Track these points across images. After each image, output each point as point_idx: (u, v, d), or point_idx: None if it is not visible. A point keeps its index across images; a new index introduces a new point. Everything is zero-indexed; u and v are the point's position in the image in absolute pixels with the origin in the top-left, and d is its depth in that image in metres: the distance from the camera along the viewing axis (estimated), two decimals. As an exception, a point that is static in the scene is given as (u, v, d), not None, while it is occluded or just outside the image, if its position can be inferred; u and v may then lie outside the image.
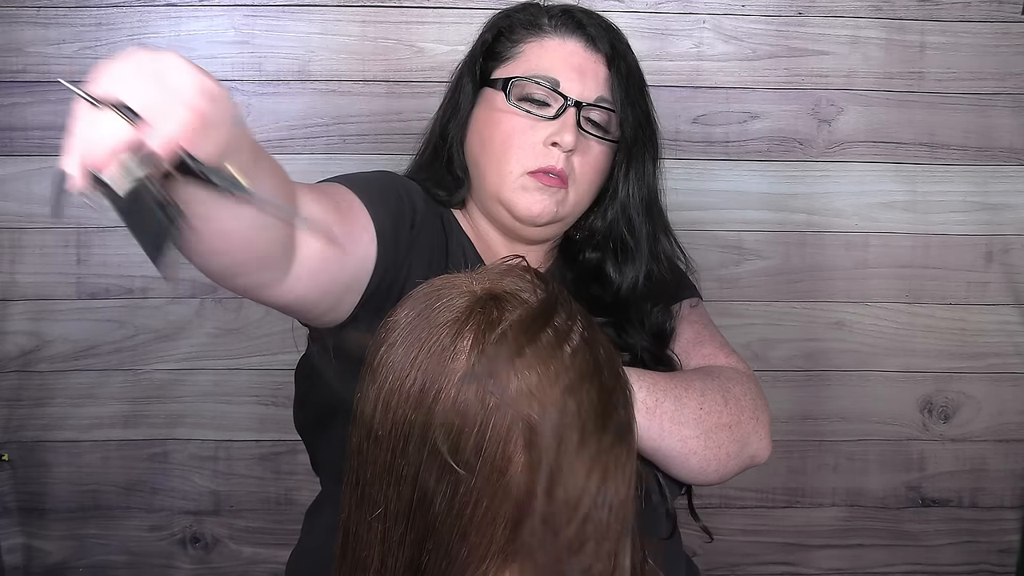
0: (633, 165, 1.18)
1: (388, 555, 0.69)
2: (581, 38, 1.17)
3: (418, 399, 0.67)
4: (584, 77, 1.15)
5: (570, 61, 1.16)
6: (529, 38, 1.18)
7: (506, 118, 1.15)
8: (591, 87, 1.15)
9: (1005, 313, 1.91)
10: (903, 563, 1.97)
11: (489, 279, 0.72)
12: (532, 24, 1.19)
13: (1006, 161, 1.88)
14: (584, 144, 1.15)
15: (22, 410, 1.84)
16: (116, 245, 1.81)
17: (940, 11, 1.83)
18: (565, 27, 1.18)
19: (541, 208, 1.14)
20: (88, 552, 1.88)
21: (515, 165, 1.14)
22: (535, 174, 1.13)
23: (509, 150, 1.14)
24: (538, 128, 1.13)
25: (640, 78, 1.20)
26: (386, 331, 0.71)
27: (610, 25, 1.21)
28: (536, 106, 1.14)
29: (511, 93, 1.15)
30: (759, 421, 1.15)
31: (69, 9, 1.75)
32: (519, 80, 1.15)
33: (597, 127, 1.16)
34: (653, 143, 1.21)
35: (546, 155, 1.13)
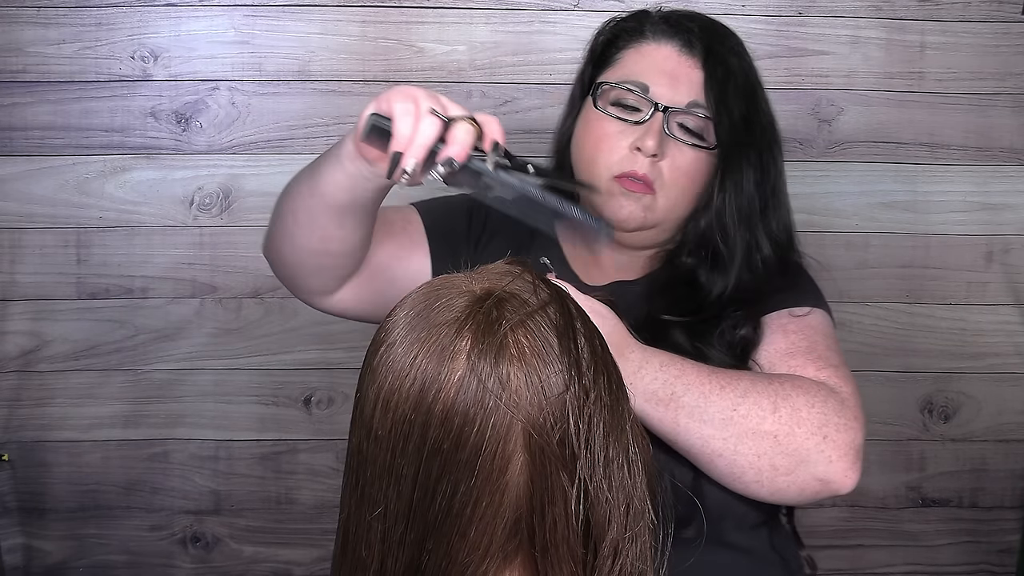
0: (729, 173, 1.15)
1: (388, 555, 0.69)
2: (677, 42, 1.16)
3: (418, 399, 0.67)
4: (676, 82, 1.14)
5: (663, 66, 1.15)
6: (631, 44, 1.18)
7: (597, 123, 1.16)
8: (683, 92, 1.14)
9: (1005, 313, 1.91)
10: (903, 563, 1.97)
11: (488, 279, 0.72)
12: (635, 30, 1.19)
13: (1006, 161, 1.88)
14: (674, 149, 1.13)
15: (22, 410, 1.84)
16: (116, 245, 1.81)
17: (940, 11, 1.83)
18: (663, 32, 1.17)
19: (627, 213, 1.14)
20: (88, 552, 1.88)
21: (602, 169, 1.14)
22: (620, 179, 1.13)
23: (597, 154, 1.15)
24: (626, 133, 1.14)
25: (747, 81, 1.17)
26: (385, 331, 0.71)
27: (714, 27, 1.19)
28: (626, 111, 1.14)
29: (600, 98, 1.16)
30: (829, 441, 1.03)
31: (69, 9, 1.75)
32: (608, 85, 1.16)
33: (690, 133, 1.14)
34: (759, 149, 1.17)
35: (631, 160, 1.13)
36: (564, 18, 1.81)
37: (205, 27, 1.78)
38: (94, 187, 1.79)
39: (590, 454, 0.67)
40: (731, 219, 1.15)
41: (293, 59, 1.79)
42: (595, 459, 0.67)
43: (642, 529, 0.69)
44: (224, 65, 1.79)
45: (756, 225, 1.17)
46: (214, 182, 1.81)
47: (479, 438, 0.66)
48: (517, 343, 0.67)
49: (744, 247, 1.16)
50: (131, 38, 1.77)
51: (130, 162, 1.80)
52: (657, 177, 1.13)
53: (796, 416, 1.03)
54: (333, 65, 1.80)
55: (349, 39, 1.80)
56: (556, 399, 0.66)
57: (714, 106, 1.14)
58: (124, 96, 1.78)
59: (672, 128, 1.13)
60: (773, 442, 1.02)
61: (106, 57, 1.77)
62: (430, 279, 0.75)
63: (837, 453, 1.04)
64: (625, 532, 0.68)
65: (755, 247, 1.18)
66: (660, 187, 1.14)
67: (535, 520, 0.66)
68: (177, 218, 1.81)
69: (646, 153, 1.12)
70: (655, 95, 1.14)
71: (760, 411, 1.03)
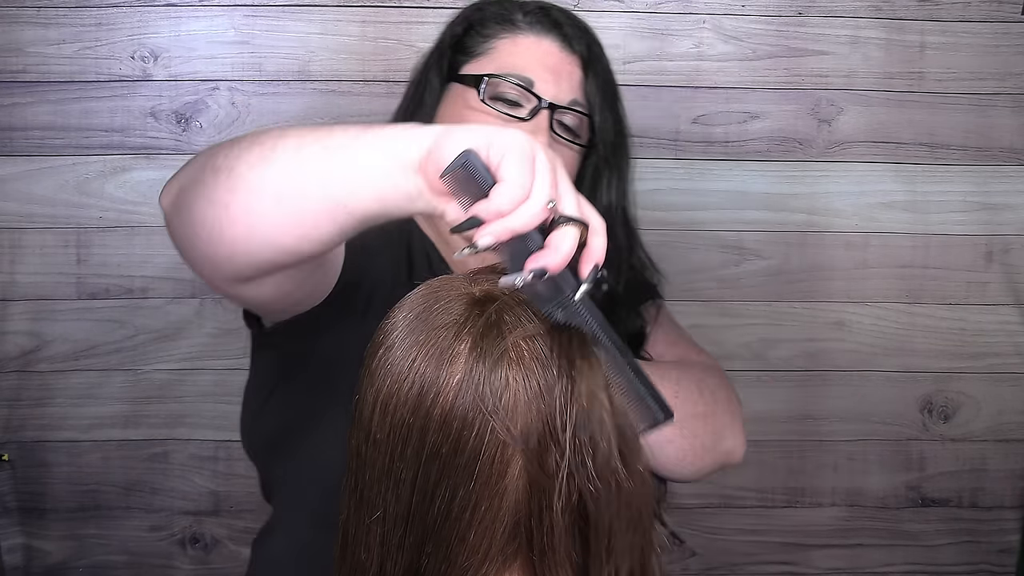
0: (615, 173, 1.16)
1: (387, 558, 0.69)
2: (557, 38, 1.13)
3: (416, 402, 0.67)
4: (559, 79, 1.11)
5: (545, 61, 1.12)
6: (502, 34, 1.14)
7: (476, 116, 1.10)
8: (565, 89, 1.12)
9: (1005, 313, 1.91)
10: (903, 563, 1.97)
11: (488, 282, 0.72)
12: (506, 19, 1.14)
13: (1006, 161, 1.88)
14: (555, 148, 1.10)
15: (22, 410, 1.84)
16: (116, 245, 1.81)
17: (940, 11, 1.83)
18: (541, 25, 1.14)
19: None
20: (88, 552, 1.88)
21: None
22: None
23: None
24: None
25: (615, 84, 1.17)
26: (384, 334, 0.71)
27: (587, 27, 1.17)
28: (508, 106, 1.10)
29: (483, 90, 1.10)
30: (734, 416, 1.12)
31: (69, 9, 1.75)
32: (494, 78, 1.10)
33: (568, 131, 1.12)
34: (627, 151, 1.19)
35: None
36: (564, 18, 1.81)
37: (205, 27, 1.78)
38: (94, 187, 1.79)
39: (588, 457, 0.66)
40: (617, 220, 1.17)
41: (293, 59, 1.79)
42: (593, 462, 0.67)
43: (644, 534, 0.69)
44: (224, 65, 1.78)
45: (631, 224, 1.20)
46: (214, 182, 1.81)
47: (478, 442, 0.66)
48: (516, 347, 0.67)
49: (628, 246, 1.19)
50: (131, 38, 1.77)
51: (130, 162, 1.79)
52: None
53: (714, 396, 1.10)
54: (333, 65, 1.80)
55: (349, 39, 1.79)
56: (554, 402, 0.66)
57: (597, 105, 1.13)
58: (124, 96, 1.78)
59: (554, 126, 1.11)
60: (704, 423, 1.08)
61: (106, 57, 1.77)
62: (427, 281, 0.75)
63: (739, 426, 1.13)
64: (626, 536, 0.68)
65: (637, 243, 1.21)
66: None
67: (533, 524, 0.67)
68: (177, 218, 1.81)
69: None
70: (540, 90, 1.10)
71: (692, 395, 1.08)
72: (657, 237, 1.85)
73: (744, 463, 1.89)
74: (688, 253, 1.86)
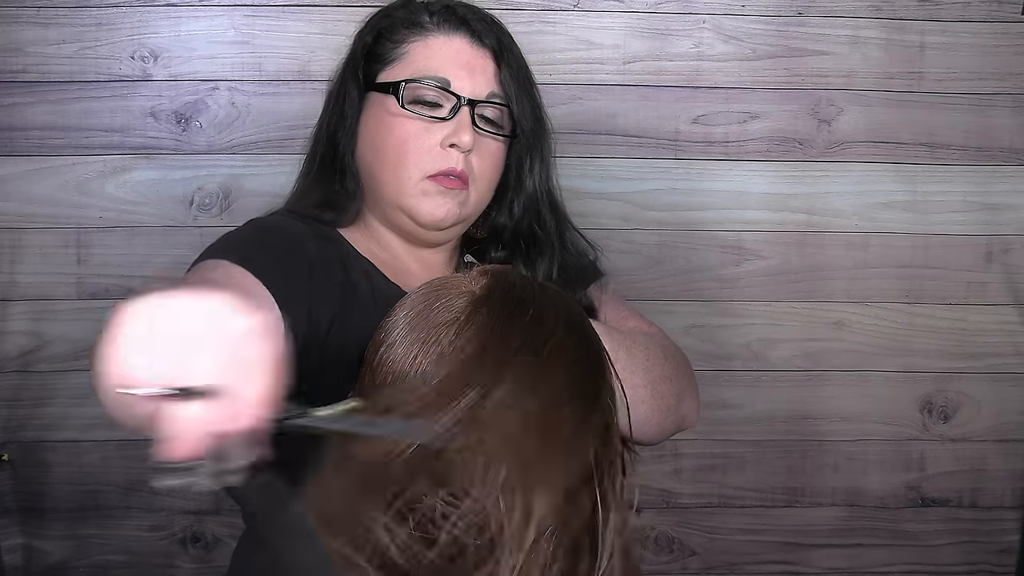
0: (537, 158, 1.19)
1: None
2: (466, 34, 1.14)
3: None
4: (474, 74, 1.13)
5: (458, 59, 1.13)
6: (412, 37, 1.15)
7: (399, 122, 1.11)
8: (482, 84, 1.13)
9: (1005, 313, 1.91)
10: (903, 563, 1.97)
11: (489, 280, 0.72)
12: (414, 23, 1.15)
13: (1006, 161, 1.88)
14: (480, 142, 1.13)
15: (22, 410, 1.84)
16: (116, 245, 1.81)
17: (940, 11, 1.83)
18: (448, 24, 1.15)
19: (445, 212, 1.12)
20: (88, 552, 1.88)
21: (413, 170, 1.11)
22: (435, 178, 1.11)
23: (406, 155, 1.11)
24: (433, 130, 1.11)
25: (527, 70, 1.19)
26: (385, 331, 0.71)
27: (494, 19, 1.19)
28: (428, 108, 1.11)
29: (402, 96, 1.11)
30: (690, 379, 1.17)
31: (69, 9, 1.75)
32: (411, 82, 1.11)
33: (491, 123, 1.14)
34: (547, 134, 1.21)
35: (444, 157, 1.11)
36: (564, 18, 1.81)
37: (205, 27, 1.78)
38: (94, 187, 1.79)
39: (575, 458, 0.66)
40: (543, 203, 1.20)
41: (293, 59, 1.79)
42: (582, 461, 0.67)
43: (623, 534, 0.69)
44: (224, 65, 1.78)
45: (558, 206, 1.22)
46: (214, 182, 1.81)
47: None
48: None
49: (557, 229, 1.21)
50: (131, 38, 1.77)
51: (130, 162, 1.79)
52: (470, 172, 1.12)
53: (675, 360, 1.14)
54: (333, 65, 1.79)
55: (349, 39, 1.79)
56: (551, 404, 0.66)
57: (514, 95, 1.15)
58: (124, 96, 1.78)
59: (477, 121, 1.12)
60: (669, 385, 1.11)
61: (106, 57, 1.77)
62: (428, 280, 0.75)
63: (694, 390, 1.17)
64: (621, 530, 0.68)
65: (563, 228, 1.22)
66: (472, 181, 1.13)
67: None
68: (177, 218, 1.81)
69: (463, 148, 1.10)
70: (457, 88, 1.12)
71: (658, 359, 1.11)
72: (657, 237, 1.86)
73: (744, 463, 1.91)
74: (688, 253, 1.86)
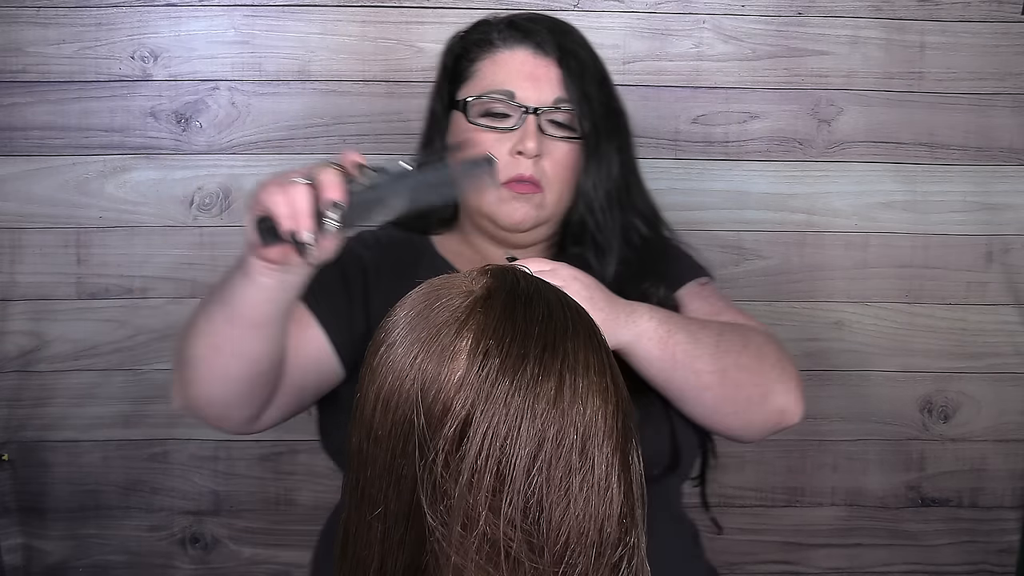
0: (593, 158, 1.21)
1: (388, 555, 0.69)
2: (529, 46, 1.21)
3: (418, 399, 0.67)
4: (538, 83, 1.19)
5: (521, 70, 1.20)
6: (482, 55, 1.22)
7: (472, 136, 1.20)
8: (546, 91, 1.19)
9: (1005, 313, 1.91)
10: (903, 563, 1.97)
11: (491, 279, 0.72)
12: (483, 41, 1.23)
13: (1006, 161, 1.88)
14: (551, 146, 1.19)
15: (22, 410, 1.84)
16: (116, 245, 1.81)
17: (940, 11, 1.83)
18: (512, 38, 1.22)
19: (522, 215, 1.20)
20: (88, 552, 1.88)
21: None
22: (509, 184, 1.18)
23: None
24: (503, 140, 1.18)
25: (597, 71, 1.23)
26: (385, 331, 0.71)
27: (556, 25, 1.24)
28: (498, 119, 1.19)
29: (470, 112, 1.20)
30: (786, 374, 1.14)
31: (69, 9, 1.75)
32: (476, 99, 1.20)
33: (562, 127, 1.20)
34: (618, 133, 1.24)
35: (515, 165, 1.18)
36: (564, 18, 1.81)
37: (205, 27, 1.78)
38: (94, 187, 1.79)
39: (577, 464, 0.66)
40: (598, 203, 1.22)
41: (293, 59, 1.79)
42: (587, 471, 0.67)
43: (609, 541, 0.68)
44: (224, 65, 1.78)
45: (625, 205, 1.25)
46: (214, 182, 1.81)
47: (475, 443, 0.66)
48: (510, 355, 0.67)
49: (618, 227, 1.23)
50: (131, 38, 1.77)
51: (130, 162, 1.80)
52: (542, 176, 1.19)
53: (760, 352, 1.13)
54: (333, 65, 1.80)
55: (349, 39, 1.80)
56: (551, 410, 0.66)
57: (576, 99, 1.19)
58: (124, 96, 1.78)
59: (544, 127, 1.19)
60: (749, 374, 1.11)
61: (106, 57, 1.77)
62: (429, 280, 0.75)
63: (792, 383, 1.14)
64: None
65: (631, 226, 1.25)
66: (546, 184, 1.20)
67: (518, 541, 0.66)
68: (177, 218, 1.81)
69: (528, 155, 1.17)
70: (521, 99, 1.19)
71: (735, 346, 1.11)
72: (657, 237, 1.86)
73: (744, 463, 1.91)
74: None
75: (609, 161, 1.22)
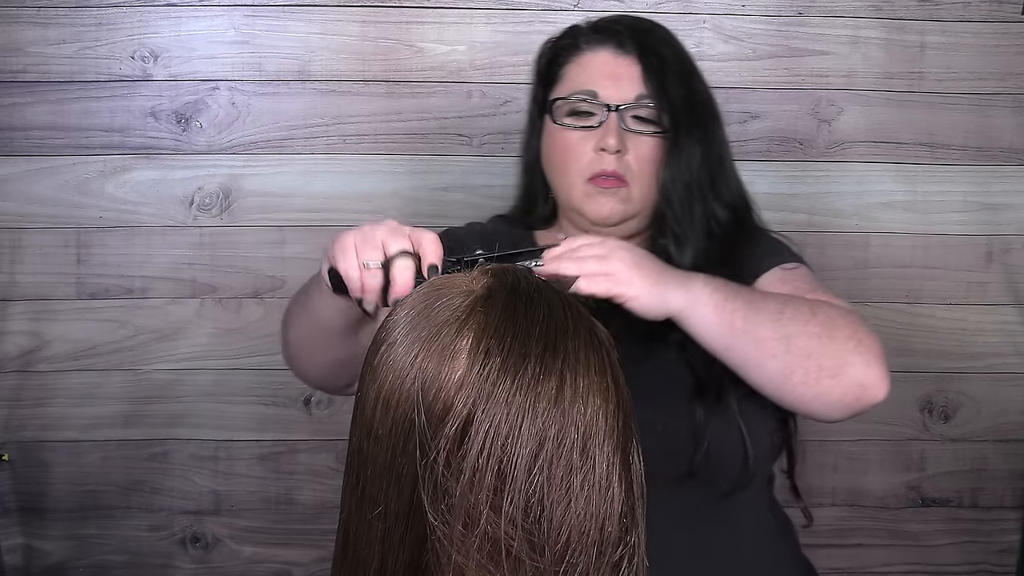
0: (674, 151, 1.23)
1: (388, 554, 0.69)
2: (611, 46, 1.25)
3: (418, 398, 0.67)
4: (619, 81, 1.23)
5: (603, 70, 1.25)
6: (570, 59, 1.28)
7: (560, 136, 1.25)
8: (628, 89, 1.23)
9: (1005, 313, 1.91)
10: (903, 563, 1.97)
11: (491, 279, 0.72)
12: (570, 45, 1.29)
13: (1006, 161, 1.88)
14: (634, 141, 1.23)
15: (22, 410, 1.84)
16: (116, 245, 1.81)
17: (940, 11, 1.83)
18: (596, 40, 1.27)
19: (609, 210, 1.24)
20: (88, 552, 1.88)
21: (575, 176, 1.24)
22: (593, 180, 1.23)
23: (567, 164, 1.25)
24: (588, 138, 1.23)
25: (680, 66, 1.26)
26: (386, 330, 0.71)
27: (638, 24, 1.28)
28: (583, 118, 1.24)
29: (556, 113, 1.26)
30: (864, 346, 1.09)
31: (69, 9, 1.75)
32: (560, 100, 1.26)
33: (645, 123, 1.23)
34: (700, 126, 1.25)
35: (598, 161, 1.23)
36: (564, 18, 1.80)
37: (205, 27, 1.78)
38: (94, 187, 1.79)
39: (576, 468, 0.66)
40: (677, 195, 1.23)
41: (293, 59, 1.79)
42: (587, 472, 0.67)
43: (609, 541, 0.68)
44: (224, 65, 1.78)
45: (707, 196, 1.25)
46: (214, 182, 1.81)
47: (474, 442, 0.66)
48: (512, 357, 0.67)
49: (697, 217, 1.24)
50: (131, 38, 1.77)
51: (130, 162, 1.80)
52: (626, 170, 1.23)
53: (832, 322, 1.09)
54: (333, 65, 1.80)
55: (349, 39, 1.80)
56: (551, 411, 0.66)
57: (655, 94, 1.23)
58: (124, 96, 1.78)
59: (628, 123, 1.23)
60: (819, 342, 1.07)
61: (106, 57, 1.77)
62: (429, 279, 0.75)
63: (872, 357, 1.09)
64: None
65: (711, 216, 1.25)
66: (631, 178, 1.23)
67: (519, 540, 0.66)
68: (177, 218, 1.81)
69: (610, 151, 1.21)
70: (604, 97, 1.23)
71: (802, 315, 1.08)
72: (657, 237, 1.86)
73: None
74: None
75: (690, 154, 1.23)
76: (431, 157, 1.82)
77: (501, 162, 1.82)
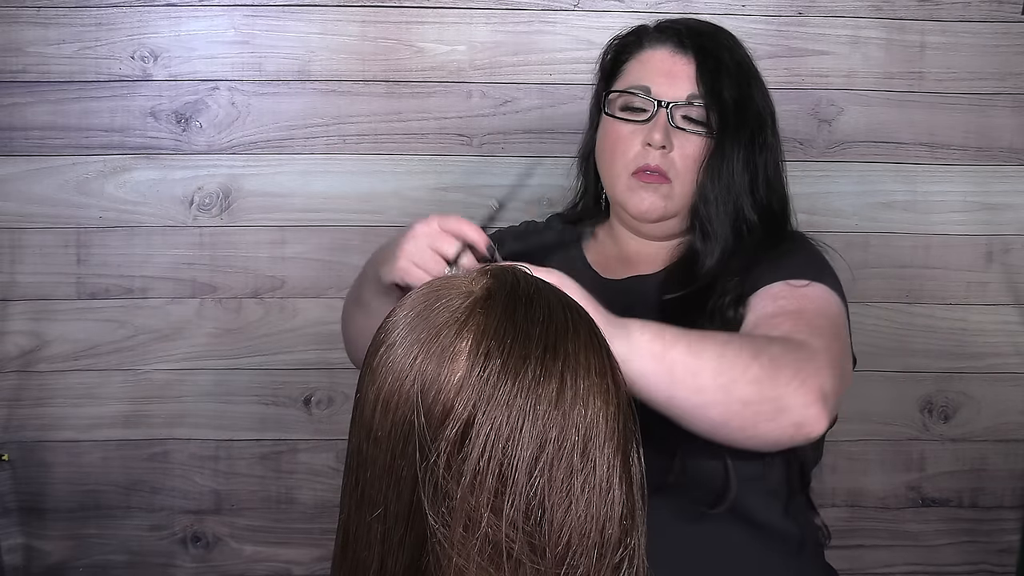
0: (717, 152, 1.23)
1: (388, 556, 0.69)
2: (670, 44, 1.27)
3: (418, 400, 0.67)
4: (673, 79, 1.25)
5: (660, 67, 1.26)
6: (631, 55, 1.30)
7: (611, 128, 1.28)
8: (682, 87, 1.24)
9: (1005, 313, 1.91)
10: (903, 563, 1.97)
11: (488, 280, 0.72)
12: (633, 43, 1.30)
13: (1006, 161, 1.88)
14: (682, 139, 1.24)
15: (22, 410, 1.84)
16: (116, 245, 1.81)
17: (940, 11, 1.83)
18: (656, 38, 1.28)
19: (649, 204, 1.25)
20: (88, 552, 1.88)
21: (620, 169, 1.26)
22: (637, 174, 1.25)
23: (615, 156, 1.27)
24: (637, 132, 1.25)
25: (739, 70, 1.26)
26: (385, 332, 0.71)
27: (700, 26, 1.29)
28: (635, 113, 1.26)
29: (610, 105, 1.28)
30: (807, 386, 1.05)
31: (69, 9, 1.75)
32: (614, 93, 1.28)
33: (695, 123, 1.24)
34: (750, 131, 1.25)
35: (644, 155, 1.24)
36: (564, 18, 1.81)
37: (205, 27, 1.78)
38: (94, 187, 1.79)
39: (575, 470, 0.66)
40: (713, 193, 1.24)
41: (293, 59, 1.79)
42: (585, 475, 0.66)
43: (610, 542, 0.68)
44: (224, 65, 1.78)
45: (740, 197, 1.25)
46: (214, 182, 1.81)
47: (473, 445, 0.65)
48: (513, 360, 0.67)
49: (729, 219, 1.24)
50: (131, 38, 1.77)
51: (130, 162, 1.80)
52: (670, 167, 1.24)
53: (775, 363, 1.05)
54: (333, 65, 1.80)
55: (349, 39, 1.79)
56: (550, 413, 0.66)
57: (707, 94, 1.24)
58: (124, 96, 1.78)
59: (677, 121, 1.24)
60: (758, 388, 1.04)
61: (106, 57, 1.77)
62: (428, 281, 0.75)
63: (812, 396, 1.06)
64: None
65: (741, 216, 1.25)
66: (675, 176, 1.24)
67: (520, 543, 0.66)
68: (177, 218, 1.81)
69: (655, 146, 1.23)
70: (656, 94, 1.24)
71: (743, 360, 1.04)
72: (657, 237, 1.85)
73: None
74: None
75: (732, 156, 1.23)
76: (431, 157, 1.82)
77: (501, 162, 1.82)
